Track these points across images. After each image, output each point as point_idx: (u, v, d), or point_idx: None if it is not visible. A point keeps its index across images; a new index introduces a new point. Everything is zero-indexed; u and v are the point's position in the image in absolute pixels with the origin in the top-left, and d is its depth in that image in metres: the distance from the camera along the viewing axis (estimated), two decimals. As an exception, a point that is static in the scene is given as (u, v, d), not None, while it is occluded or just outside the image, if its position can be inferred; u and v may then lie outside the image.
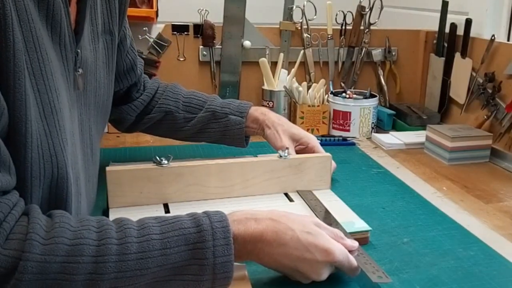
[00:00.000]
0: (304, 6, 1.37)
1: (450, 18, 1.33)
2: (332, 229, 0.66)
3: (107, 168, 0.78)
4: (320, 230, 0.63)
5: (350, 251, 0.64)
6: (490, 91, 1.19)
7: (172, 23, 1.33)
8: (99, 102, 0.74)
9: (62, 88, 0.59)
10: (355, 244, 0.66)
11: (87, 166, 0.70)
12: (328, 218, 0.76)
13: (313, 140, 0.96)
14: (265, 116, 0.96)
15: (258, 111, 0.97)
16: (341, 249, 0.62)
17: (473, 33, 1.26)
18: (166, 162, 0.80)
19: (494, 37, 1.19)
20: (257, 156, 0.93)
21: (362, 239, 0.75)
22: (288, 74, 1.32)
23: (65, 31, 0.59)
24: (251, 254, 0.60)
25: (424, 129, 1.22)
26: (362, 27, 1.43)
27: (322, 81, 1.31)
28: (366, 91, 1.34)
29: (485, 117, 1.20)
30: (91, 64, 0.68)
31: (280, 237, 0.60)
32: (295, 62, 1.33)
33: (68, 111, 0.61)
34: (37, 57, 0.54)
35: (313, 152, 0.93)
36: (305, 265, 0.61)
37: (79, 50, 0.63)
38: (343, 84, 1.43)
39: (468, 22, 1.25)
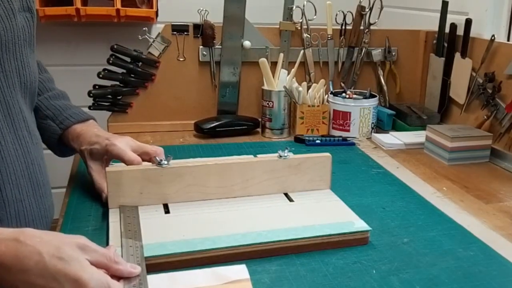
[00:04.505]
0: (304, 6, 1.37)
1: (450, 18, 1.33)
2: (104, 252, 0.57)
3: (107, 169, 0.78)
4: (77, 255, 0.53)
5: (128, 278, 0.57)
6: (490, 91, 1.19)
7: (172, 23, 1.33)
8: (26, 83, 0.71)
9: None
10: (136, 270, 0.58)
11: (27, 149, 0.69)
12: (135, 237, 0.68)
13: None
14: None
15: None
16: (98, 278, 0.53)
17: (473, 33, 1.26)
18: (166, 162, 0.80)
19: (494, 37, 1.19)
20: (257, 156, 0.93)
21: (362, 239, 0.75)
22: (288, 74, 1.32)
23: None
24: None
25: (424, 129, 1.22)
26: (362, 27, 1.43)
27: (322, 81, 1.31)
28: (366, 91, 1.34)
29: (485, 117, 1.20)
30: (8, 41, 0.65)
31: (22, 262, 0.52)
32: (295, 62, 1.33)
33: None
34: None
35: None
36: None
37: None
38: (343, 84, 1.43)
39: (468, 22, 1.25)
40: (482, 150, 1.14)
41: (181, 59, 1.35)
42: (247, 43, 1.35)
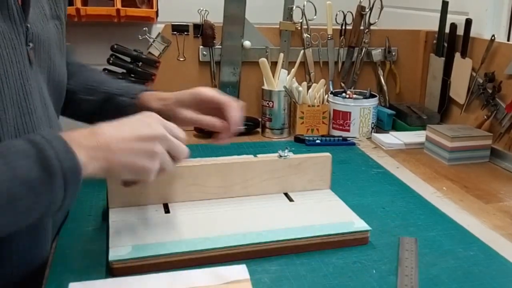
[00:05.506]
0: (304, 6, 1.37)
1: (450, 18, 1.33)
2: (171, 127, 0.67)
3: (107, 168, 0.78)
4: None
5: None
6: (490, 91, 1.19)
7: (172, 23, 1.33)
8: (54, 80, 0.74)
9: (10, 60, 0.60)
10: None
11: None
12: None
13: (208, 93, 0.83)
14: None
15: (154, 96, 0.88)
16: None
17: (473, 33, 1.26)
18: (166, 162, 0.80)
19: (494, 37, 1.19)
20: (257, 156, 0.93)
21: (362, 239, 0.75)
22: (288, 74, 1.32)
23: (12, 5, 0.61)
24: (98, 148, 0.59)
25: (424, 129, 1.22)
26: (362, 27, 1.43)
27: (322, 81, 1.31)
28: (366, 91, 1.34)
29: (485, 117, 1.20)
30: (44, 42, 0.69)
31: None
32: (295, 62, 1.33)
33: (19, 84, 0.62)
34: None
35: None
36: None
37: (28, 25, 0.64)
38: (343, 84, 1.43)
39: (468, 22, 1.25)
40: (482, 150, 1.14)
41: (181, 59, 1.35)
42: (247, 43, 1.35)
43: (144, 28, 1.31)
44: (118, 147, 0.61)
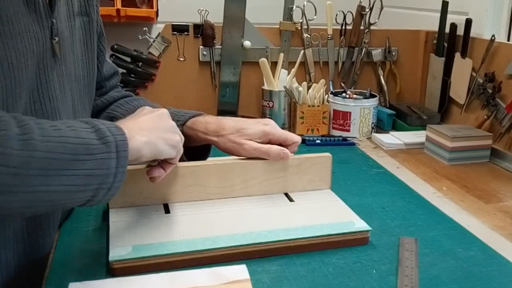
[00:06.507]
0: (304, 6, 1.37)
1: (450, 18, 1.33)
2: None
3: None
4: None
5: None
6: (490, 91, 1.19)
7: (172, 23, 1.33)
8: (79, 76, 0.77)
9: (32, 51, 0.62)
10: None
11: None
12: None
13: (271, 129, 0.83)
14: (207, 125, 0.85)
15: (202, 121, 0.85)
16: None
17: (473, 33, 1.26)
18: (166, 162, 0.80)
19: (494, 37, 1.19)
20: (257, 156, 0.93)
21: (362, 239, 0.75)
22: (288, 74, 1.32)
23: (39, 1, 0.63)
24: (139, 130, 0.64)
25: (424, 129, 1.22)
26: (362, 27, 1.43)
27: (322, 81, 1.31)
28: (366, 91, 1.34)
29: (485, 117, 1.20)
30: (67, 38, 0.72)
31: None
32: (295, 62, 1.33)
33: (36, 74, 0.64)
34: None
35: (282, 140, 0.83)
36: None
37: (54, 20, 0.66)
38: (343, 84, 1.43)
39: (468, 22, 1.25)
40: (482, 150, 1.14)
41: (181, 59, 1.35)
42: (247, 43, 1.35)
43: (144, 28, 1.31)
44: (149, 126, 0.66)
